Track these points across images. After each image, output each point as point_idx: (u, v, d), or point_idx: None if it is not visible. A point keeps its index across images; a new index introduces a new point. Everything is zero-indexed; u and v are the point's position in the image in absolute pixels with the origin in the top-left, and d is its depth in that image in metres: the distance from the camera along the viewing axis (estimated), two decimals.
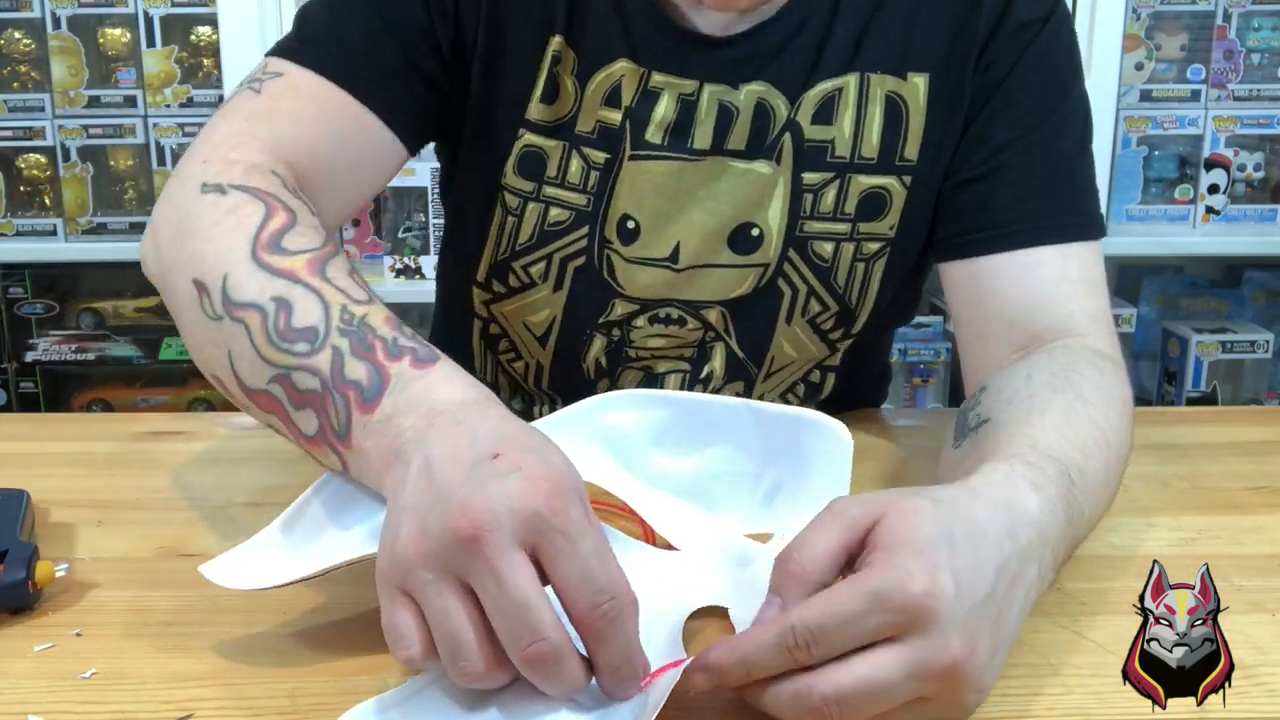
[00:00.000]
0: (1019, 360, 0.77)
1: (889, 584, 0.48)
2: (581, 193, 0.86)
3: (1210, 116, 1.98)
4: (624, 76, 0.84)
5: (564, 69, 0.84)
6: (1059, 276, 0.81)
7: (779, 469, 0.69)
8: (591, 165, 0.85)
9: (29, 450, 0.89)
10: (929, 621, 0.48)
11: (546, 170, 0.86)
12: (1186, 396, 2.04)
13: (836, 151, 0.84)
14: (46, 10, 1.96)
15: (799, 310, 0.88)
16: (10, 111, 1.98)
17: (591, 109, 0.84)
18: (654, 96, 0.84)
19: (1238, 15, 1.97)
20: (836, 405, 0.93)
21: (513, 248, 0.88)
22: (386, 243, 2.02)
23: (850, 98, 0.84)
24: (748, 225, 0.86)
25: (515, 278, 0.89)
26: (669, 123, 0.84)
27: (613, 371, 0.92)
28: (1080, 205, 0.84)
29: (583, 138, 0.85)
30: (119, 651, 0.59)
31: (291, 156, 0.75)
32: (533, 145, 0.86)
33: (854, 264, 0.87)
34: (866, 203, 0.85)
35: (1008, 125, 0.83)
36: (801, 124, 0.84)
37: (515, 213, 0.87)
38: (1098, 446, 0.66)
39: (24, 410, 2.07)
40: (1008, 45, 0.83)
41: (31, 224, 2.01)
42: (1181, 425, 0.96)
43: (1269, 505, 0.79)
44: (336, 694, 0.55)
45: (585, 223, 0.86)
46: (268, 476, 0.83)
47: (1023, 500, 0.57)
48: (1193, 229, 2.01)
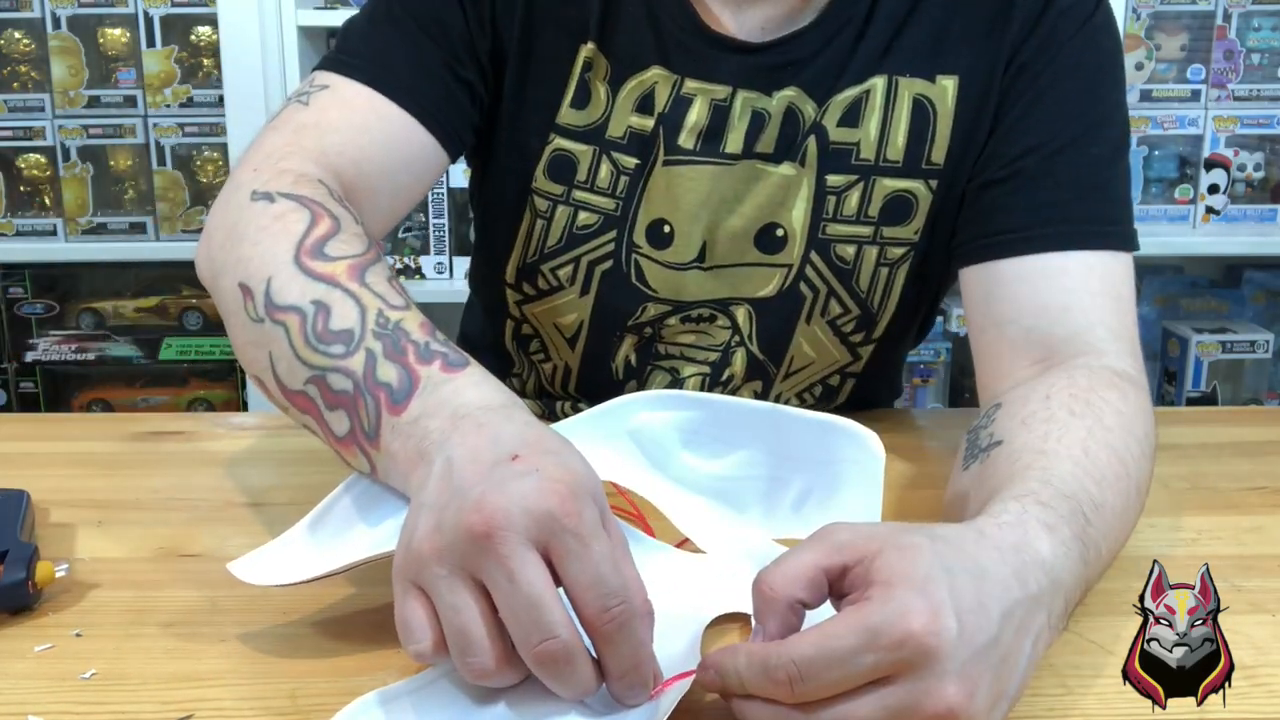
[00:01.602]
0: (1037, 379, 0.73)
1: (887, 619, 0.46)
2: (610, 197, 0.87)
3: (1210, 116, 1.98)
4: (657, 83, 0.84)
5: (596, 75, 0.85)
6: (1081, 285, 0.78)
7: (809, 475, 0.68)
8: (621, 170, 0.86)
9: (29, 450, 0.89)
10: (928, 663, 0.45)
11: (576, 174, 0.87)
12: (1186, 396, 2.04)
13: (861, 154, 0.84)
14: (46, 10, 1.96)
15: (819, 311, 0.88)
16: (10, 111, 1.98)
17: (623, 115, 0.85)
18: (686, 102, 0.84)
19: (1238, 15, 1.97)
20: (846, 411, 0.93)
21: (541, 250, 0.89)
22: (386, 243, 2.02)
23: (877, 100, 0.83)
24: (772, 225, 0.86)
25: (544, 280, 0.90)
26: (701, 128, 0.84)
27: (641, 372, 0.92)
28: (1110, 215, 0.81)
29: (614, 143, 0.86)
30: (119, 651, 0.59)
31: (339, 165, 0.77)
32: (563, 150, 0.86)
33: (877, 268, 0.86)
34: (891, 206, 0.85)
35: (1037, 127, 0.81)
36: (827, 126, 0.84)
37: (545, 215, 0.88)
38: (1116, 478, 0.63)
39: (24, 410, 2.07)
40: (1042, 46, 0.81)
41: (31, 224, 2.01)
42: (1181, 425, 0.96)
43: (1269, 505, 0.79)
44: (336, 694, 0.55)
45: (613, 227, 0.87)
46: (268, 476, 0.83)
47: (1034, 542, 0.54)
48: (1193, 229, 2.01)
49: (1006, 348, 0.79)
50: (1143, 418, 0.69)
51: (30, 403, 2.10)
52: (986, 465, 0.67)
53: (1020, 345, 0.78)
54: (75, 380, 2.12)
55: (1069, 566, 0.55)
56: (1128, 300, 0.79)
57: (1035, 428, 0.66)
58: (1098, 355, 0.75)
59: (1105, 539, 0.60)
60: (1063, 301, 0.77)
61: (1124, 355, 0.75)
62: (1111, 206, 0.81)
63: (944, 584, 0.47)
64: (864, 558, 0.49)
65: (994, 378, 0.79)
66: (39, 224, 2.00)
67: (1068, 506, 0.58)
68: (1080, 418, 0.66)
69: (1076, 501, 0.59)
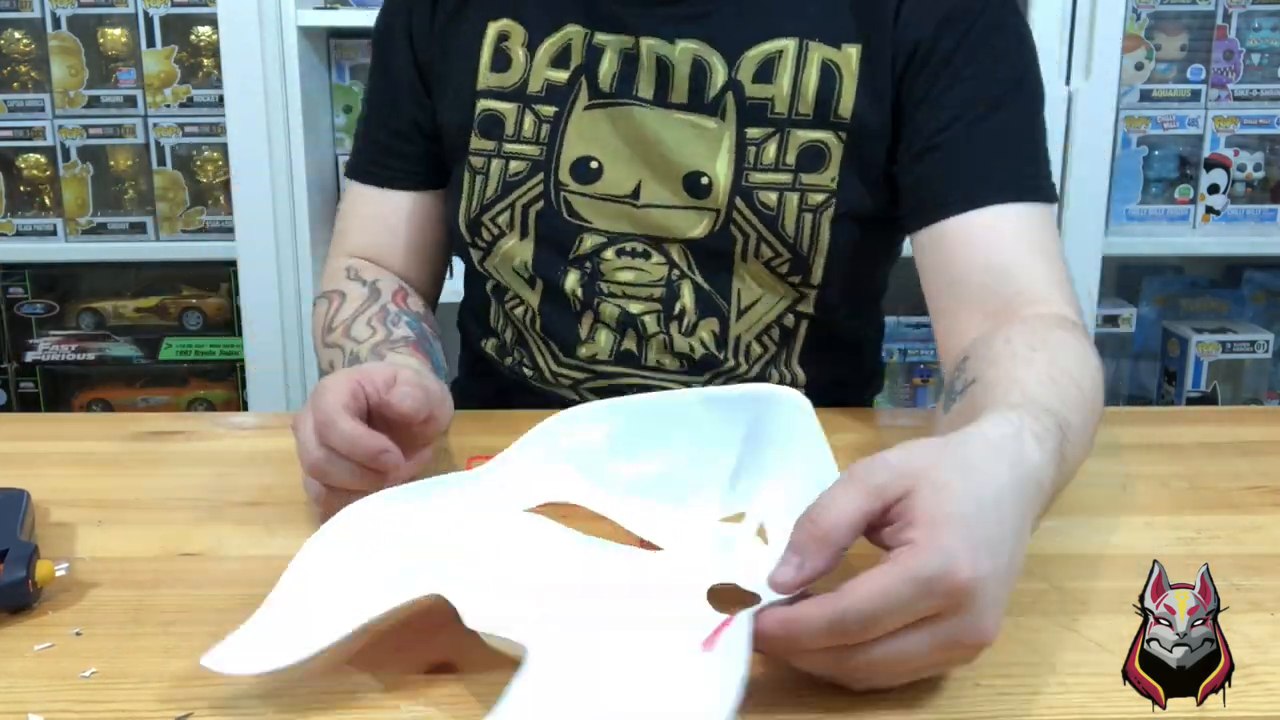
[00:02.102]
0: (994, 330, 0.80)
1: (936, 570, 0.51)
2: (535, 144, 0.97)
3: (1210, 116, 1.98)
4: (571, 39, 0.96)
5: (513, 43, 0.98)
6: (1015, 244, 0.86)
7: (739, 449, 0.71)
8: (543, 119, 0.96)
9: (29, 450, 0.89)
10: (969, 603, 0.51)
11: (505, 130, 0.97)
12: (1186, 396, 2.03)
13: (775, 108, 0.92)
14: (46, 10, 1.96)
15: (752, 254, 0.94)
16: (10, 111, 1.98)
17: (540, 71, 0.97)
18: (598, 52, 0.95)
19: (1238, 15, 1.96)
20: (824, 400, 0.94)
21: (482, 203, 0.98)
22: None
23: (789, 61, 0.92)
24: (698, 174, 0.93)
25: (487, 231, 0.99)
26: (614, 73, 0.95)
27: (590, 302, 0.98)
28: (1031, 171, 0.90)
29: (534, 96, 0.97)
30: (119, 651, 0.59)
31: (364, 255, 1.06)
32: (490, 109, 0.98)
33: (800, 214, 0.93)
34: (805, 155, 0.92)
35: (958, 100, 0.89)
36: (743, 82, 0.92)
37: (481, 171, 0.98)
38: (1078, 402, 0.70)
39: (24, 410, 2.07)
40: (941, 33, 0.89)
41: (31, 224, 2.00)
42: (1181, 425, 0.96)
43: (1269, 505, 0.79)
44: (337, 693, 0.55)
45: (540, 170, 0.96)
46: (268, 476, 0.83)
47: (1030, 455, 0.59)
48: (1193, 229, 2.01)
49: (961, 304, 0.86)
50: (1091, 355, 0.77)
51: (30, 403, 2.10)
52: (966, 401, 0.73)
53: (974, 301, 0.85)
54: (75, 380, 2.12)
55: (1051, 476, 0.62)
56: (1055, 251, 0.88)
57: (1003, 364, 0.73)
58: (1045, 304, 0.83)
59: (1073, 455, 0.67)
60: (1004, 260, 0.85)
61: (1066, 303, 0.84)
62: (1032, 165, 0.90)
63: (977, 524, 0.53)
64: (902, 496, 0.54)
65: (954, 334, 0.86)
66: (39, 224, 2.00)
67: (1052, 421, 0.64)
68: (1039, 351, 0.74)
69: (1056, 417, 0.65)
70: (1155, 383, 2.13)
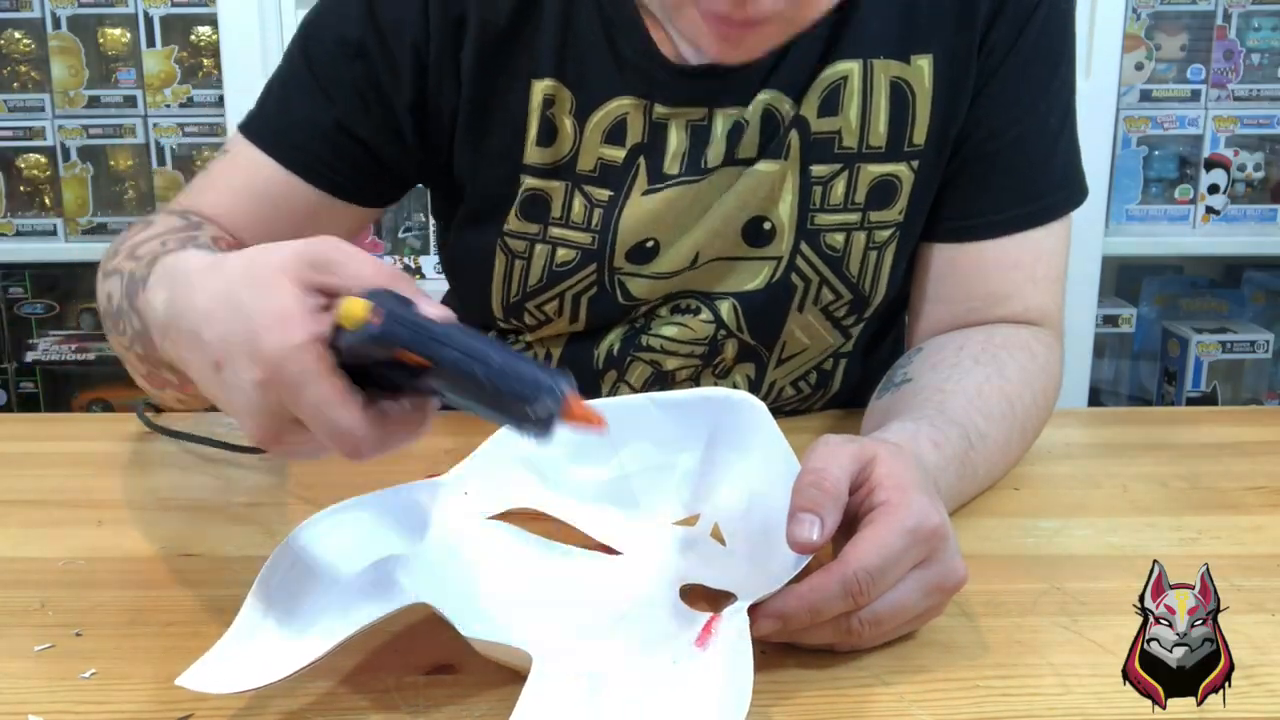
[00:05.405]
0: (957, 332, 0.84)
1: (916, 520, 0.56)
2: (586, 231, 0.86)
3: (1210, 116, 1.98)
4: (627, 113, 0.83)
5: (560, 110, 0.83)
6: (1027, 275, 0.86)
7: (690, 453, 0.71)
8: (595, 203, 0.85)
9: (29, 450, 0.89)
10: (943, 545, 0.58)
11: (551, 211, 0.86)
12: (1186, 396, 2.03)
13: (844, 142, 0.84)
14: (46, 10, 1.96)
15: (811, 300, 0.88)
16: (10, 111, 1.98)
17: (592, 147, 0.84)
18: (662, 128, 0.83)
19: (1238, 15, 1.97)
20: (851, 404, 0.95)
21: (524, 290, 0.89)
22: (386, 242, 2.02)
23: (855, 85, 0.82)
24: (760, 219, 0.85)
25: (530, 316, 0.91)
26: (684, 152, 0.83)
27: (621, 361, 0.91)
28: (1063, 180, 0.88)
29: (584, 176, 0.84)
30: (119, 651, 0.59)
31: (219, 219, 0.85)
32: (534, 188, 0.85)
33: (866, 252, 0.87)
34: (876, 191, 0.85)
35: (1002, 110, 0.84)
36: (808, 118, 0.83)
37: (523, 256, 0.87)
38: (1003, 417, 0.75)
39: (24, 410, 2.07)
40: (1009, 29, 0.83)
41: (31, 224, 2.01)
42: (1181, 425, 0.96)
43: (1269, 505, 0.79)
44: (336, 694, 0.55)
45: (592, 260, 0.86)
46: (267, 476, 0.83)
47: (923, 455, 0.67)
48: (1193, 229, 2.01)
49: (946, 320, 0.88)
50: (1044, 376, 0.81)
51: (30, 403, 2.10)
52: (895, 397, 0.79)
53: (959, 321, 0.87)
54: (75, 380, 2.12)
55: (950, 480, 0.69)
56: (1060, 270, 0.89)
57: (941, 371, 0.78)
58: (1024, 316, 0.86)
59: (985, 464, 0.74)
60: (1007, 291, 0.86)
61: (1045, 318, 0.87)
62: (1065, 171, 0.88)
63: (927, 485, 0.60)
64: (868, 463, 0.60)
65: (925, 332, 0.89)
66: (39, 224, 2.00)
67: (955, 432, 0.71)
68: (983, 365, 0.78)
69: (963, 429, 0.72)
70: (1155, 383, 2.13)
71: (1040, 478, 0.83)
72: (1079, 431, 0.95)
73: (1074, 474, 0.84)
